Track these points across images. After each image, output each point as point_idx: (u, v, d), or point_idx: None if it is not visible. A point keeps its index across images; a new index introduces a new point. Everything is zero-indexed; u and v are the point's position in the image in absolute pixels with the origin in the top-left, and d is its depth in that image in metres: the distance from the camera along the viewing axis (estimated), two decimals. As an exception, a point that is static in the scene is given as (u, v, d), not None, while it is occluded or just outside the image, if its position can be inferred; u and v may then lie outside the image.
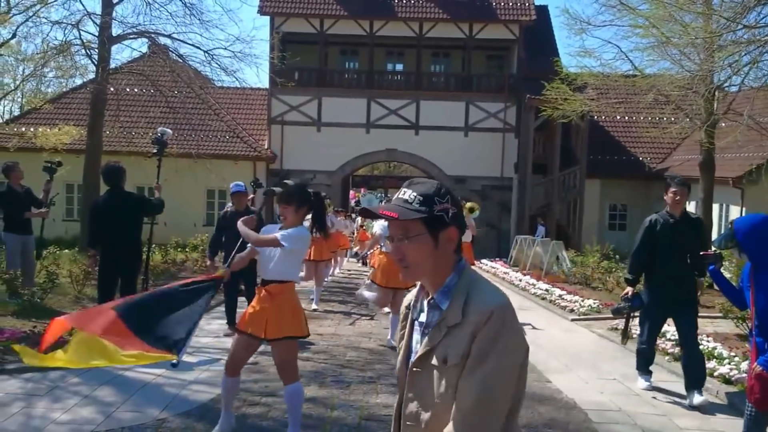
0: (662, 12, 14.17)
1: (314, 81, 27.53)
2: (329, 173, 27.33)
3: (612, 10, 16.33)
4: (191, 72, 18.41)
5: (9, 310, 9.47)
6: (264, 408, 6.27)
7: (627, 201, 27.85)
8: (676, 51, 15.18)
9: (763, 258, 4.65)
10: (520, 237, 22.27)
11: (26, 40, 23.50)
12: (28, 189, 10.37)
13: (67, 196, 25.14)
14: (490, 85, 27.73)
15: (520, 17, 26.92)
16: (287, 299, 5.33)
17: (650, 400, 7.07)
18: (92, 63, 17.75)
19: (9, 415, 5.74)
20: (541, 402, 6.83)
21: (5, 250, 10.43)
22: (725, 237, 4.85)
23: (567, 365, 8.60)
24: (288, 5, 27.01)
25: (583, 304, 12.89)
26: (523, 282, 16.67)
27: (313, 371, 7.71)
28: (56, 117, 25.00)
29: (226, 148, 25.93)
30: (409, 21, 27.17)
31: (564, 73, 18.45)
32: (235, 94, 28.80)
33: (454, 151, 26.97)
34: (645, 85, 16.82)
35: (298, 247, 5.30)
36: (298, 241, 5.26)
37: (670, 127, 18.65)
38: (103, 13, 16.85)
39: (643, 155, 27.67)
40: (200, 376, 7.28)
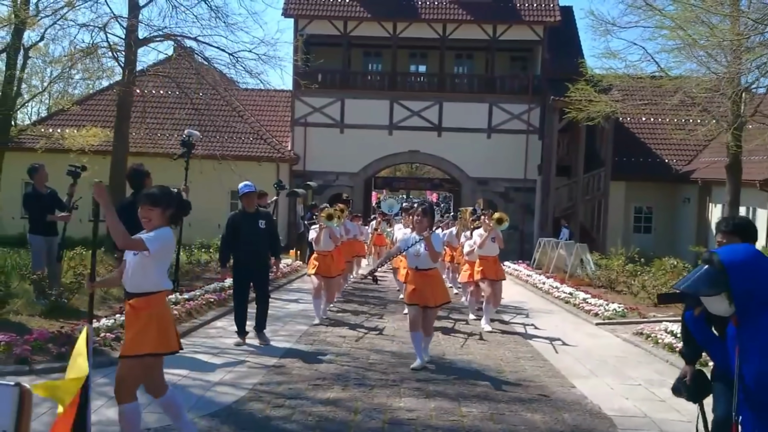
0: (689, 13, 14.06)
1: (337, 83, 27.60)
2: (352, 175, 27.37)
3: (637, 11, 16.25)
4: (216, 74, 18.55)
5: (37, 310, 9.60)
6: (288, 410, 6.30)
7: (653, 203, 27.62)
8: (702, 53, 15.03)
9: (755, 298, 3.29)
10: (543, 239, 22.15)
11: (54, 42, 23.82)
12: (53, 191, 10.47)
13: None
14: (514, 87, 27.62)
15: (545, 18, 26.78)
16: (155, 313, 4.82)
17: (676, 407, 6.99)
18: (119, 65, 17.98)
19: (37, 416, 5.81)
20: (566, 408, 6.78)
21: (31, 252, 10.54)
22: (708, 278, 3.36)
23: (592, 370, 8.53)
24: (312, 7, 27.10)
25: (607, 308, 12.78)
26: (547, 285, 16.57)
27: (336, 374, 7.73)
28: (83, 118, 25.33)
29: (250, 149, 26.08)
30: (432, 22, 27.14)
31: (589, 74, 18.32)
32: (258, 96, 29.00)
33: (477, 152, 26.88)
34: (671, 86, 16.68)
35: (161, 249, 4.83)
36: (161, 243, 4.83)
37: (696, 129, 18.49)
38: (129, 16, 17.04)
39: (669, 157, 27.41)
40: (225, 378, 7.32)
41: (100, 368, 7.31)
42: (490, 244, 11.49)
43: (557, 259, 19.56)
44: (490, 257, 11.63)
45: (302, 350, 8.98)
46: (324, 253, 11.44)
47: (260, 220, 9.08)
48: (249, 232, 8.96)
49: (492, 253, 11.62)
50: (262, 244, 9.06)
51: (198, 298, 11.40)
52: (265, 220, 9.18)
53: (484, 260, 11.57)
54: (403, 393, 7.02)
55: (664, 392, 7.53)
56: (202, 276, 15.10)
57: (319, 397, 6.77)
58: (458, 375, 7.95)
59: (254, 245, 8.98)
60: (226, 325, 10.45)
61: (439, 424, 6.11)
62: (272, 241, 9.26)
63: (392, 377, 7.66)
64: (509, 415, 6.44)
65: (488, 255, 11.61)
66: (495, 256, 11.72)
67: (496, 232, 11.55)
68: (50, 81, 28.90)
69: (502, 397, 7.04)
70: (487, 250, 11.55)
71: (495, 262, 11.69)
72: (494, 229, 11.49)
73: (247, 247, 8.99)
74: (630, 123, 28.15)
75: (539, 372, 8.31)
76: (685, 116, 19.99)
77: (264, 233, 9.06)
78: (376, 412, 6.34)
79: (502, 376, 7.97)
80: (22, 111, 31.16)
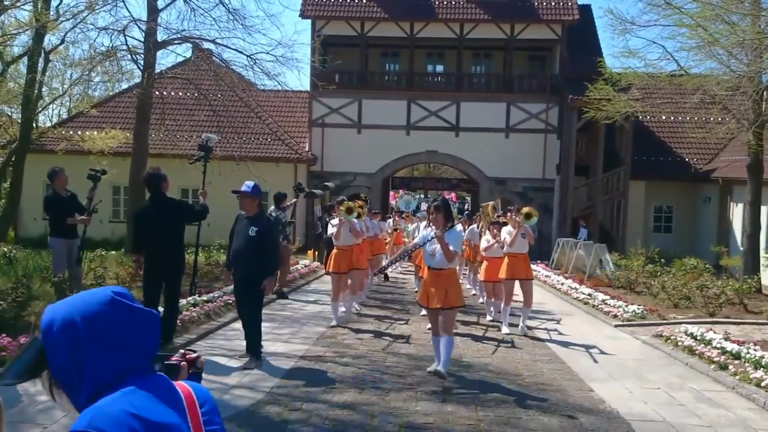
0: (708, 12, 13.93)
1: (355, 83, 27.61)
2: (369, 175, 27.38)
3: (657, 9, 16.13)
4: (234, 76, 18.62)
5: (57, 312, 9.67)
6: (305, 414, 6.31)
7: (673, 203, 27.37)
8: (723, 51, 14.90)
9: None
10: (562, 239, 22.03)
11: (74, 45, 24.17)
12: (72, 194, 10.54)
13: (114, 198, 25.64)
14: (532, 86, 27.47)
15: (563, 17, 26.62)
16: None
17: (695, 411, 6.94)
18: (138, 68, 18.10)
19: (56, 419, 5.87)
20: (584, 411, 6.75)
21: (51, 255, 10.64)
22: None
23: (610, 374, 8.48)
24: (329, 8, 27.14)
25: (627, 310, 12.70)
26: (565, 286, 16.48)
27: (353, 376, 7.74)
28: (103, 121, 25.54)
29: (268, 150, 26.17)
30: (449, 22, 27.07)
31: (608, 73, 18.21)
32: (276, 97, 29.07)
33: (494, 152, 26.79)
34: (691, 85, 16.56)
35: None
36: None
37: (716, 128, 18.31)
38: (148, 20, 17.15)
39: (690, 156, 27.15)
40: (242, 381, 7.36)
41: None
42: (520, 241, 10.96)
43: (576, 259, 19.45)
44: (520, 255, 11.09)
45: (319, 353, 9.00)
46: (344, 249, 11.13)
47: (252, 227, 7.97)
48: (238, 238, 8.12)
49: (522, 250, 11.09)
50: (248, 253, 7.92)
51: (216, 300, 11.46)
52: (258, 227, 7.97)
53: (513, 258, 11.05)
54: (419, 397, 7.02)
55: (684, 396, 7.49)
56: (220, 277, 15.17)
57: (335, 400, 6.78)
58: (475, 378, 7.93)
59: (239, 254, 8.04)
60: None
61: (455, 428, 6.10)
62: (263, 253, 7.91)
63: (408, 380, 7.66)
64: (526, 420, 6.41)
65: (518, 252, 11.07)
66: (525, 254, 11.19)
67: (526, 228, 10.97)
68: (70, 84, 29.30)
69: (519, 401, 7.02)
70: (517, 247, 11.01)
71: (525, 261, 11.17)
72: (523, 224, 10.88)
73: (234, 254, 8.19)
74: (649, 122, 27.92)
75: (557, 375, 8.27)
76: (706, 115, 19.78)
77: (253, 242, 7.91)
78: (392, 416, 6.34)
79: (519, 380, 7.94)
80: (43, 113, 31.48)
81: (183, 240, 8.60)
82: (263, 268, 7.93)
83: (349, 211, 10.91)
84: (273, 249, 8.19)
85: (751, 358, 8.45)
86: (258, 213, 8.16)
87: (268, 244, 8.02)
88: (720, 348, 9.12)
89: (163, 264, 8.33)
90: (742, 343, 9.21)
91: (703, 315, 12.69)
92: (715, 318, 12.44)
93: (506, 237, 11.22)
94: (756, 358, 8.40)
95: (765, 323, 11.62)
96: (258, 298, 8.10)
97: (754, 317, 12.68)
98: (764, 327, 11.63)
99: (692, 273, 15.74)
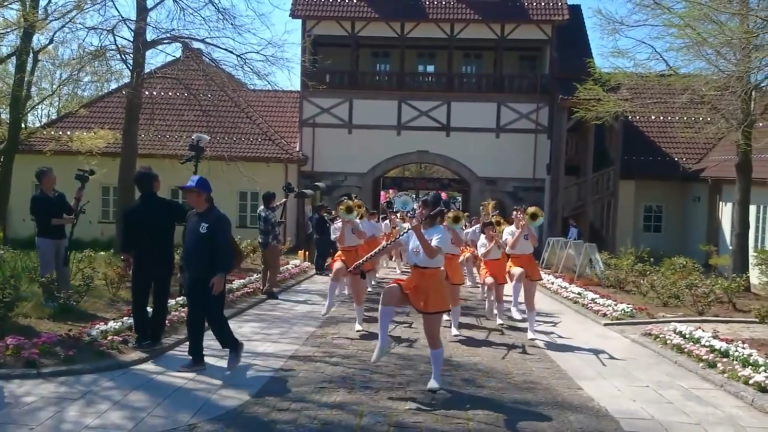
0: (697, 12, 13.98)
1: (345, 83, 27.62)
2: (360, 175, 27.38)
3: (646, 9, 16.17)
4: (224, 76, 18.57)
5: (46, 313, 9.64)
6: (293, 414, 6.29)
7: (662, 202, 27.51)
8: (711, 51, 14.96)
9: None
10: (552, 239, 22.08)
11: (63, 45, 24.04)
12: (60, 195, 10.48)
13: (103, 199, 25.54)
14: (522, 86, 27.54)
15: (553, 17, 26.70)
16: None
17: (684, 409, 6.96)
18: (127, 68, 18.02)
19: (42, 420, 5.83)
20: (572, 410, 6.75)
21: (39, 255, 10.58)
22: None
23: (599, 372, 8.49)
24: (319, 8, 27.12)
25: (616, 309, 12.73)
26: (555, 285, 16.51)
27: (342, 376, 7.72)
28: (92, 121, 25.47)
29: (259, 150, 26.14)
30: (440, 22, 27.10)
31: (597, 73, 18.25)
32: (267, 97, 29.04)
33: (485, 152, 26.85)
34: (680, 85, 16.61)
35: None
36: None
37: (706, 128, 18.37)
38: (137, 19, 17.08)
39: (679, 156, 27.28)
40: (230, 381, 7.32)
41: (107, 371, 7.34)
42: (522, 242, 10.63)
43: (566, 258, 19.50)
44: (524, 256, 10.76)
45: (309, 353, 8.97)
46: (349, 249, 10.99)
47: (203, 224, 7.50)
48: (189, 236, 7.65)
49: (526, 251, 10.75)
50: (199, 252, 7.48)
51: (206, 300, 11.38)
52: (209, 224, 7.50)
53: (517, 260, 10.74)
54: (409, 396, 7.00)
55: (673, 394, 7.51)
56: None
57: (325, 400, 6.76)
58: (465, 377, 7.92)
59: (190, 253, 7.63)
60: (233, 327, 10.38)
61: (444, 427, 6.09)
62: (214, 251, 7.41)
63: (398, 380, 7.64)
64: (515, 418, 6.41)
65: (522, 254, 10.76)
66: (529, 255, 10.80)
67: (530, 229, 10.59)
68: (59, 84, 29.17)
69: (508, 400, 7.02)
70: (520, 248, 10.69)
71: (530, 261, 10.76)
72: (527, 225, 10.50)
73: (185, 253, 7.79)
74: (639, 121, 28.04)
75: (546, 374, 8.28)
76: (695, 114, 19.84)
77: (204, 240, 7.45)
78: (381, 416, 6.33)
79: (509, 378, 7.94)
80: (31, 114, 31.32)
81: (173, 240, 8.57)
82: (215, 265, 7.38)
83: (349, 210, 10.74)
84: (225, 246, 7.54)
85: (739, 356, 8.49)
86: (208, 209, 7.62)
87: (221, 242, 7.48)
88: (708, 346, 9.16)
89: (153, 264, 8.29)
90: (731, 341, 9.25)
91: (692, 313, 12.73)
92: (704, 316, 12.48)
93: (508, 238, 10.89)
94: (744, 356, 8.43)
95: (753, 321, 11.66)
96: (215, 298, 7.49)
97: (743, 316, 12.73)
98: (752, 325, 11.67)
99: (681, 272, 15.78)
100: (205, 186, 7.63)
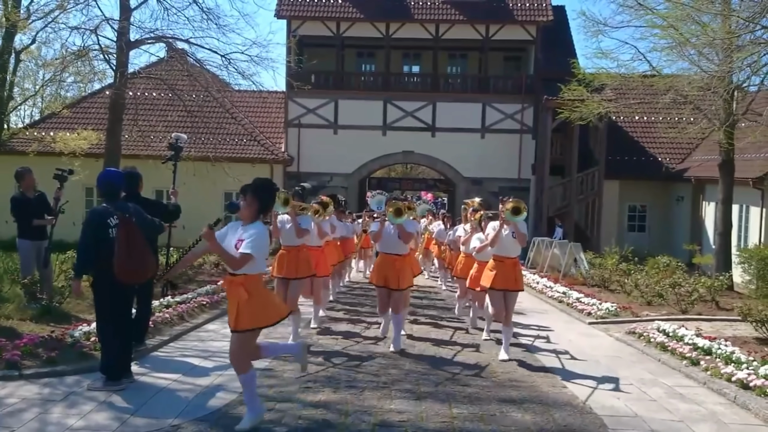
0: (680, 12, 14.08)
1: (331, 84, 27.58)
2: (346, 176, 27.36)
3: (629, 10, 16.28)
4: (208, 76, 18.49)
5: (28, 315, 9.56)
6: (278, 414, 6.28)
7: (647, 202, 27.67)
8: (694, 51, 15.09)
9: None
10: (537, 239, 22.15)
11: (46, 45, 23.71)
12: (40, 195, 10.36)
13: (87, 200, 25.35)
14: (507, 87, 27.61)
15: (537, 18, 26.79)
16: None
17: (667, 406, 7.00)
18: (110, 68, 17.92)
19: (25, 421, 5.79)
20: (557, 407, 6.78)
21: (20, 257, 10.49)
22: None
23: (583, 370, 8.53)
24: (304, 8, 27.06)
25: (600, 307, 12.79)
26: (541, 284, 16.57)
27: (327, 376, 7.70)
28: (75, 121, 25.29)
29: (244, 151, 26.06)
30: (425, 23, 27.11)
31: (581, 74, 18.35)
32: (252, 98, 28.93)
33: (470, 152, 26.89)
34: (663, 85, 16.73)
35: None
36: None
37: (688, 128, 18.51)
38: (121, 19, 16.99)
39: (663, 156, 27.45)
40: (215, 382, 7.30)
41: (90, 373, 7.28)
42: (508, 241, 8.91)
43: (551, 258, 19.58)
44: (508, 260, 9.00)
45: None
46: (288, 249, 9.24)
47: None
48: None
49: (512, 253, 9.01)
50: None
51: (190, 301, 11.36)
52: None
53: (499, 263, 8.99)
54: (393, 395, 7.01)
55: (656, 392, 7.56)
56: (195, 278, 15.05)
57: (309, 399, 6.75)
58: (449, 376, 7.93)
59: None
60: (218, 328, 10.43)
61: (429, 425, 6.10)
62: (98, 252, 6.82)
63: (383, 379, 7.64)
64: (500, 416, 6.43)
65: (506, 256, 9.01)
66: (515, 259, 9.07)
67: (516, 226, 8.75)
68: (42, 84, 28.89)
69: (493, 398, 7.04)
70: (504, 248, 8.97)
71: (514, 267, 9.02)
72: (507, 220, 8.76)
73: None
74: (623, 122, 28.20)
75: (531, 372, 8.30)
76: (678, 115, 20.02)
77: None
78: (366, 414, 6.32)
79: (493, 376, 7.96)
80: (14, 114, 31.05)
81: (157, 241, 8.51)
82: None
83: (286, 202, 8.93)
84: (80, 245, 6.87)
85: (722, 354, 8.55)
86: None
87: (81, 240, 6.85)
88: (692, 344, 9.22)
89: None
90: (714, 339, 9.32)
91: (675, 312, 12.82)
92: (688, 315, 12.58)
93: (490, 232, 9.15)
94: (727, 354, 8.50)
95: (736, 320, 11.74)
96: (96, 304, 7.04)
97: (726, 314, 12.83)
98: (735, 323, 11.76)
99: (665, 271, 15.90)
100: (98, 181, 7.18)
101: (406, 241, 9.22)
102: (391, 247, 9.29)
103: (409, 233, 9.15)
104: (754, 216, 20.24)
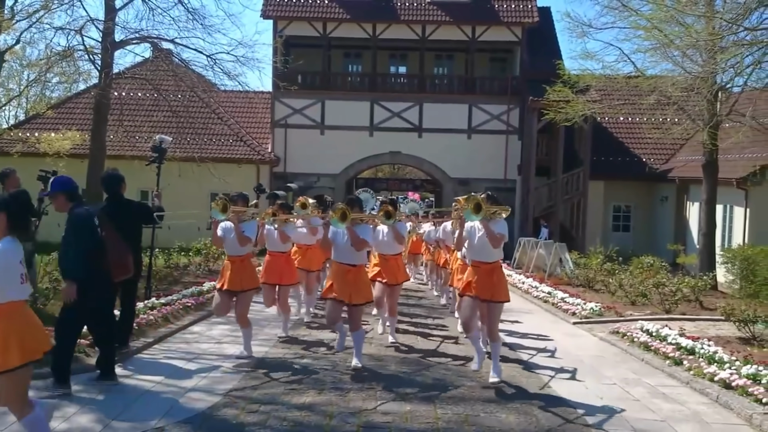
0: (663, 14, 14.16)
1: (317, 84, 27.57)
2: (333, 176, 27.35)
3: (614, 12, 16.37)
4: (194, 76, 18.42)
5: (11, 316, 9.48)
6: (263, 416, 6.28)
7: (631, 202, 27.82)
8: (678, 53, 15.19)
9: None
10: (523, 239, 22.24)
11: (30, 45, 23.60)
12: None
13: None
14: (493, 88, 27.70)
15: (523, 19, 26.88)
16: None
17: (650, 406, 7.05)
18: (95, 68, 17.78)
19: (7, 424, 5.75)
20: (540, 407, 6.82)
21: None
22: None
23: (568, 370, 8.57)
24: (291, 9, 27.02)
25: (585, 307, 12.86)
26: (526, 284, 16.63)
27: (313, 378, 7.71)
28: (60, 122, 25.14)
29: (230, 151, 25.99)
30: (411, 24, 27.15)
31: (566, 75, 18.44)
32: (238, 98, 28.86)
33: (457, 153, 26.96)
34: (647, 86, 16.83)
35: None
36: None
37: (672, 128, 18.65)
38: (105, 19, 16.88)
39: (647, 156, 27.61)
40: (199, 384, 7.28)
41: (74, 375, 7.24)
42: (481, 245, 7.58)
43: (537, 258, 19.66)
44: (483, 265, 7.62)
45: (279, 354, 8.94)
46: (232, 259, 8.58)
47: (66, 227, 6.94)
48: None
49: (484, 257, 7.62)
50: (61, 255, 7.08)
51: (175, 303, 11.32)
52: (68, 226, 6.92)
53: (475, 268, 7.71)
54: (378, 396, 7.02)
55: (639, 391, 7.61)
56: (180, 280, 15.01)
57: (295, 401, 6.76)
58: (434, 377, 7.96)
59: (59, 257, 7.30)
60: (203, 330, 10.42)
61: (414, 426, 6.12)
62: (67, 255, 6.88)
63: (369, 381, 7.65)
64: (484, 417, 6.46)
65: (482, 261, 7.65)
66: (492, 264, 7.62)
67: (486, 224, 7.33)
68: (27, 84, 28.66)
69: (477, 398, 7.07)
70: (477, 252, 7.70)
71: (490, 274, 7.59)
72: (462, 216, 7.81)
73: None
74: (608, 123, 28.33)
75: (515, 372, 8.34)
76: (662, 115, 20.16)
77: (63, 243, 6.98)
78: (351, 416, 6.33)
79: (478, 377, 7.98)
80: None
81: (141, 242, 8.48)
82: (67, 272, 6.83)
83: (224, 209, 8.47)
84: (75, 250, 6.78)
85: (705, 354, 8.62)
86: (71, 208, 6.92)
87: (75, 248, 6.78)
88: (675, 344, 9.29)
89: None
90: (697, 339, 9.39)
91: (659, 312, 12.91)
92: (671, 315, 12.68)
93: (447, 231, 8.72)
94: (710, 354, 8.56)
95: (719, 319, 11.84)
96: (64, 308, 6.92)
97: (709, 314, 12.93)
98: (718, 323, 11.86)
99: (649, 271, 16.01)
100: (58, 185, 6.91)
101: (358, 248, 7.86)
102: (344, 255, 7.97)
103: (362, 240, 7.82)
104: (738, 216, 20.41)
